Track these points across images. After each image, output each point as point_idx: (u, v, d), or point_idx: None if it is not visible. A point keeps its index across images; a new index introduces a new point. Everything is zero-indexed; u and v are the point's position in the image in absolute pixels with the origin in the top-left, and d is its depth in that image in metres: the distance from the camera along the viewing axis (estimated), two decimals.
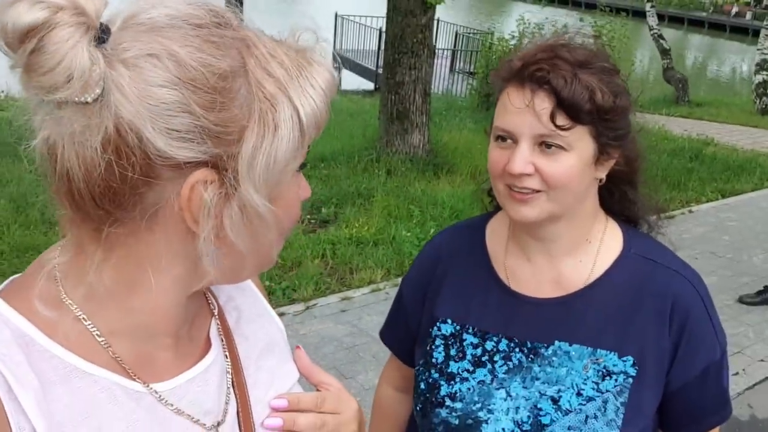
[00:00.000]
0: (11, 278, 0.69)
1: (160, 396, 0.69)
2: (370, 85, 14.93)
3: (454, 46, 15.77)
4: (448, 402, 1.16)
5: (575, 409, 1.10)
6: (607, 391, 1.10)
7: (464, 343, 1.19)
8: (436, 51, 11.59)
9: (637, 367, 1.10)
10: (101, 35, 0.56)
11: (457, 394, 1.16)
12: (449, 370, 1.19)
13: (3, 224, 4.83)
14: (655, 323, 1.11)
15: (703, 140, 9.54)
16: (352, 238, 5.14)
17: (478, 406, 1.14)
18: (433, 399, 1.18)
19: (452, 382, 1.18)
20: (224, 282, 0.74)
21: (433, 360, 1.21)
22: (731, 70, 27.12)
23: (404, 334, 1.32)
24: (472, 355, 1.18)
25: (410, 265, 1.39)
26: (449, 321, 1.22)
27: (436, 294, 1.26)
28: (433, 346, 1.22)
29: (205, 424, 0.73)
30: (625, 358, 1.10)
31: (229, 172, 0.60)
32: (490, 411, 1.13)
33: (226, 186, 0.61)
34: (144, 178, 0.58)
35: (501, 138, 1.08)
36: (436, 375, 1.20)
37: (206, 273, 0.66)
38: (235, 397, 0.77)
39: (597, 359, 1.11)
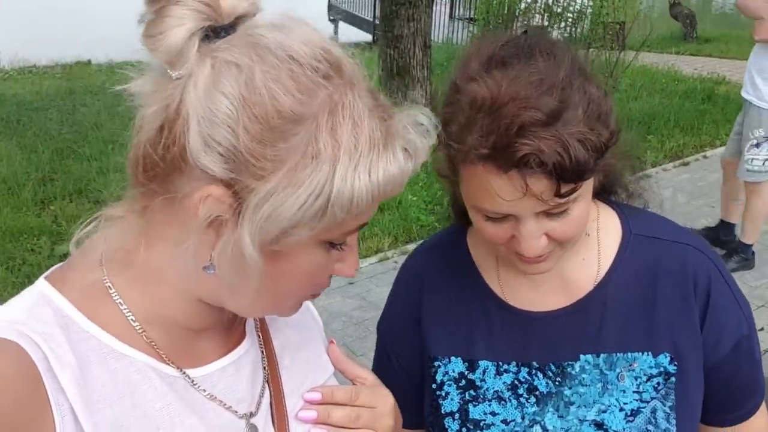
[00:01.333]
0: (58, 265, 0.71)
1: (193, 381, 0.71)
2: (367, 37, 14.52)
3: None
4: None
5: (624, 429, 0.95)
6: (652, 398, 0.96)
7: (479, 383, 1.02)
8: None
9: (676, 363, 0.96)
10: (215, 30, 0.60)
11: None
12: (471, 417, 1.01)
13: None
14: (681, 306, 0.97)
15: (714, 79, 9.22)
16: None
17: None
18: None
19: (479, 430, 1.01)
20: (219, 305, 0.72)
21: (447, 409, 1.03)
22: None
23: (405, 394, 1.06)
24: (492, 394, 1.01)
25: (418, 232, 1.17)
26: (454, 359, 1.04)
27: (428, 331, 1.06)
28: (441, 392, 1.04)
29: (236, 412, 0.74)
30: (661, 357, 0.96)
31: (240, 203, 0.60)
32: None
33: (232, 214, 0.61)
34: (176, 164, 0.61)
35: (492, 218, 0.88)
36: (457, 426, 1.02)
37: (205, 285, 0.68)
38: (269, 388, 0.78)
39: (630, 365, 0.97)
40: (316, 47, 0.62)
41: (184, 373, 0.71)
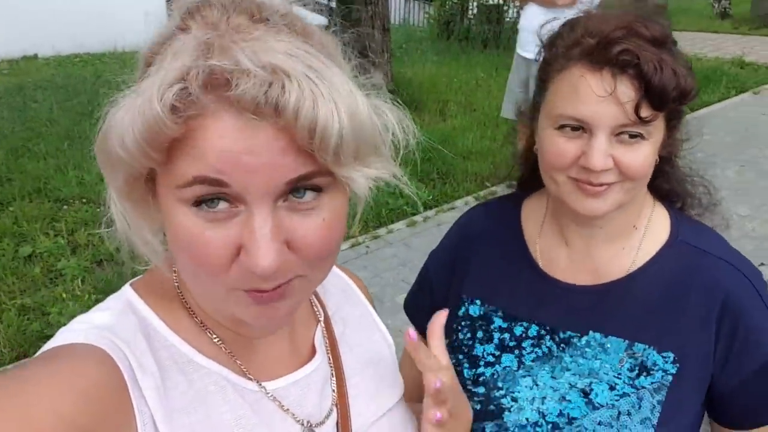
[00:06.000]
0: (148, 269, 0.71)
1: (267, 393, 0.71)
2: (322, 20, 14.36)
3: None
4: (469, 386, 1.08)
5: (607, 404, 1.00)
6: (643, 387, 1.00)
7: (491, 326, 1.10)
8: None
9: (677, 365, 1.00)
10: None
11: (480, 378, 1.08)
12: (473, 353, 1.10)
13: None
14: (701, 320, 1.00)
15: None
16: None
17: (502, 392, 1.06)
18: None
19: (475, 366, 1.09)
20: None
21: (458, 341, 1.12)
22: None
23: (429, 309, 1.19)
24: (498, 339, 1.09)
25: (387, 215, 1.27)
26: (477, 302, 1.13)
27: (464, 273, 1.16)
28: (459, 327, 1.13)
29: (304, 425, 0.73)
30: (664, 354, 1.00)
31: None
32: (513, 399, 1.05)
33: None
34: None
35: (570, 127, 0.94)
36: (460, 356, 1.11)
37: None
38: (337, 408, 0.77)
39: (634, 353, 1.01)
40: None
41: (261, 385, 0.71)
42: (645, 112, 0.89)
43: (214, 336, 0.70)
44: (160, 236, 0.64)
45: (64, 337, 0.62)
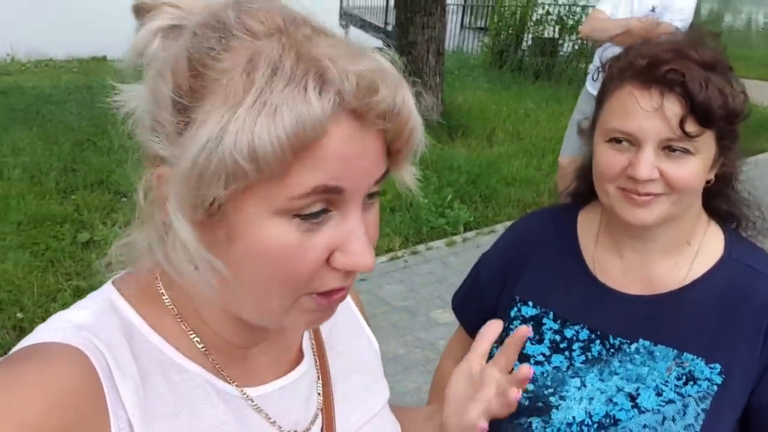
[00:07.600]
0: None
1: (252, 401, 0.69)
2: (378, 43, 14.68)
3: (465, 1, 15.42)
4: None
5: (653, 409, 1.06)
6: (689, 395, 1.05)
7: (543, 327, 1.17)
8: (447, 6, 11.38)
9: (723, 376, 1.04)
10: None
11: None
12: (525, 352, 1.16)
13: (18, 195, 4.79)
14: (750, 335, 1.05)
15: None
16: None
17: (551, 390, 1.12)
18: None
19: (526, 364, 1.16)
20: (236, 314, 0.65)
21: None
22: (747, 21, 26.50)
23: (477, 311, 1.29)
24: (550, 340, 1.15)
25: (428, 233, 1.33)
26: (530, 303, 1.19)
27: (518, 276, 1.22)
28: (511, 327, 1.19)
29: None
30: (712, 366, 1.05)
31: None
32: (562, 398, 1.11)
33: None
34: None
35: (617, 140, 1.03)
36: None
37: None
38: (322, 415, 0.75)
39: (682, 363, 1.06)
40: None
41: (244, 392, 0.68)
42: (690, 128, 0.95)
43: (198, 341, 0.67)
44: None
45: (40, 335, 0.58)
